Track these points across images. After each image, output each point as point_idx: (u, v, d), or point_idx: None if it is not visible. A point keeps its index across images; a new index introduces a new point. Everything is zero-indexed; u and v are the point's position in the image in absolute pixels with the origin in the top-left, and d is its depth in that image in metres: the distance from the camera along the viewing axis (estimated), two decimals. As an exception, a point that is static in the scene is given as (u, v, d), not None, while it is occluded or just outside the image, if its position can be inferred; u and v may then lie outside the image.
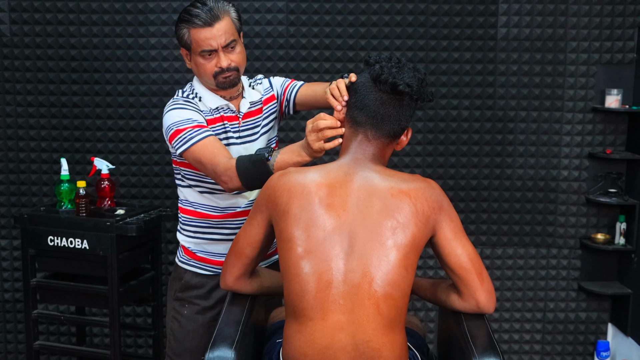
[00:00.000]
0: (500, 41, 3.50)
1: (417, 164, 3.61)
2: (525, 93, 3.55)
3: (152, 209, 3.14)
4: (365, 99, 1.80)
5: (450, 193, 3.58)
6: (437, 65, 3.54)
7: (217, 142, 2.14)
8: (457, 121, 3.59)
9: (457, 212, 1.87)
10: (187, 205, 2.36)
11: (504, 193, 3.63)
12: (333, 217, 1.72)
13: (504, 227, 3.65)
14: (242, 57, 2.21)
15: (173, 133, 2.16)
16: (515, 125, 3.57)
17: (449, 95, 3.57)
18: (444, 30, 3.49)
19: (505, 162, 3.60)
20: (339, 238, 1.70)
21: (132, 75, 3.42)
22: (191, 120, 2.15)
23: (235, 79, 2.21)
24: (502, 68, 3.53)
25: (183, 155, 2.16)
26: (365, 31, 3.48)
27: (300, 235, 1.70)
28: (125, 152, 3.55)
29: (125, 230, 2.87)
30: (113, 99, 3.46)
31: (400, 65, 1.80)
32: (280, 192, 1.77)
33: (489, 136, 3.59)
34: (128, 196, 3.56)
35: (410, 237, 1.71)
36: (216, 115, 2.26)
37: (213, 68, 2.17)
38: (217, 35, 2.14)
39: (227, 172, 2.04)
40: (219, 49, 2.15)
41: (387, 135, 1.81)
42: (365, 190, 1.75)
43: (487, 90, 3.56)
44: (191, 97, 2.24)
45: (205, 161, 2.09)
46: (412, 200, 1.74)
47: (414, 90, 1.78)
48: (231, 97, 2.29)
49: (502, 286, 3.68)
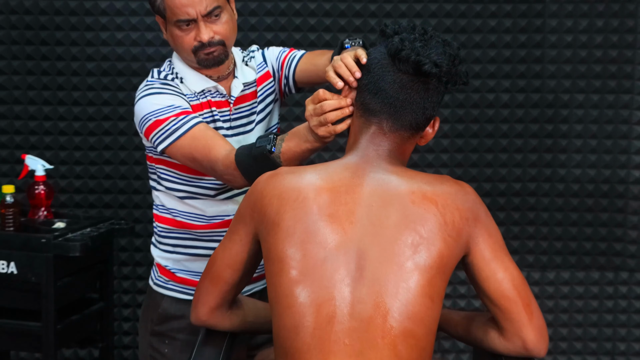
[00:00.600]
0: (550, 4, 3.51)
1: (444, 162, 3.62)
2: (582, 71, 3.55)
3: (101, 222, 3.15)
4: (381, 80, 1.82)
5: (487, 200, 3.58)
6: (469, 36, 3.54)
7: (209, 130, 2.17)
8: (494, 107, 3.59)
9: (497, 224, 1.85)
10: (164, 212, 2.39)
11: (556, 200, 3.63)
12: (337, 231, 1.73)
13: (556, 243, 3.65)
14: (229, 27, 2.24)
15: (151, 125, 2.18)
16: (570, 112, 3.58)
17: (484, 74, 3.57)
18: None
19: (557, 159, 3.61)
20: (345, 258, 1.71)
21: (91, 49, 3.48)
22: (173, 107, 2.18)
23: (220, 55, 2.24)
24: (552, 39, 3.53)
25: (166, 152, 2.19)
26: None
27: (295, 255, 1.72)
28: (66, 148, 3.56)
29: (66, 250, 2.87)
30: (65, 80, 3.51)
31: (426, 37, 1.81)
32: (269, 198, 1.79)
33: (536, 127, 3.59)
34: (70, 204, 3.57)
35: (436, 257, 1.72)
36: (202, 100, 2.29)
37: (192, 42, 2.21)
38: (196, 2, 2.16)
39: (228, 170, 2.08)
40: (199, 18, 2.18)
41: (407, 127, 1.83)
42: (379, 196, 1.76)
43: (533, 68, 3.56)
44: (170, 78, 2.27)
45: (200, 157, 2.13)
46: (440, 208, 1.75)
47: (443, 71, 1.80)
48: (219, 76, 2.32)
49: (556, 321, 3.67)
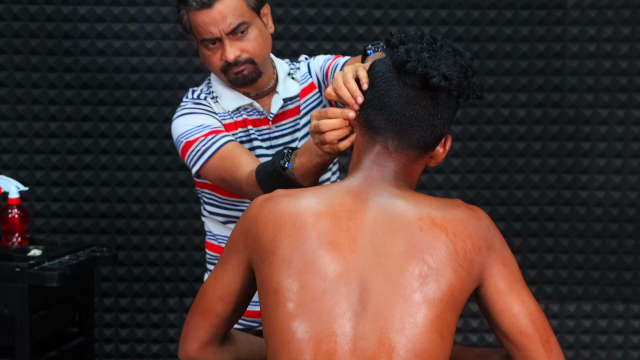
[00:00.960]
0: (572, 10, 3.52)
1: (454, 184, 3.63)
2: (607, 83, 3.55)
3: (81, 249, 3.14)
4: (385, 95, 1.81)
5: (502, 225, 3.58)
6: (482, 46, 3.55)
7: (237, 148, 2.24)
8: (509, 124, 3.59)
9: (512, 252, 1.84)
10: (211, 239, 2.48)
11: (577, 225, 3.62)
12: (337, 260, 1.72)
13: (577, 273, 3.64)
14: (258, 43, 2.28)
15: (183, 148, 2.28)
16: (592, 129, 3.57)
17: (499, 87, 3.58)
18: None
19: (579, 181, 3.61)
20: (346, 290, 1.70)
21: (69, 59, 3.52)
22: (202, 126, 2.26)
23: (251, 73, 2.29)
24: (573, 49, 3.54)
25: (200, 174, 2.27)
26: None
27: (291, 286, 1.71)
28: (43, 168, 3.57)
29: (43, 280, 2.87)
30: (41, 92, 3.53)
31: (434, 47, 1.81)
32: (264, 224, 1.78)
33: (556, 145, 3.60)
34: (47, 230, 3.58)
35: (446, 289, 1.71)
36: (237, 119, 2.35)
37: (219, 61, 2.27)
38: (218, 19, 2.22)
39: (252, 188, 2.14)
40: (223, 37, 2.24)
41: (415, 146, 1.82)
42: (384, 222, 1.76)
43: (552, 80, 3.57)
44: (203, 97, 2.35)
45: (228, 177, 2.22)
46: (450, 236, 1.74)
47: (453, 84, 1.79)
48: (258, 93, 2.37)
49: (578, 358, 3.65)
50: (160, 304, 3.65)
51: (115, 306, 3.63)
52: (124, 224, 3.61)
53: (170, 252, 3.64)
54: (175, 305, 3.65)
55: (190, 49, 3.52)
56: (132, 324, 3.66)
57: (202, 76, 3.46)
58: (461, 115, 3.58)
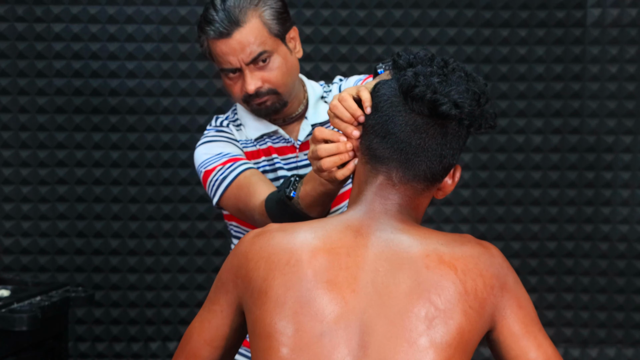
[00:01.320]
0: (591, 28, 3.55)
1: (464, 217, 3.63)
2: (630, 108, 3.58)
3: (54, 288, 3.12)
4: (390, 122, 1.80)
5: (516, 262, 3.57)
6: (494, 67, 3.57)
7: (254, 176, 2.27)
8: (524, 152, 3.60)
9: (528, 291, 1.81)
10: None
11: (599, 262, 3.62)
12: (336, 300, 1.71)
13: (600, 315, 3.64)
14: (281, 73, 2.30)
15: (203, 177, 2.32)
16: (615, 157, 3.60)
17: (512, 112, 3.59)
18: (503, 14, 3.50)
19: (600, 214, 3.61)
20: (345, 333, 1.68)
21: (43, 82, 3.56)
22: (221, 155, 2.30)
23: (274, 104, 2.32)
24: (594, 70, 3.57)
25: (221, 205, 2.31)
26: (384, 15, 3.51)
27: (286, 329, 1.69)
28: (12, 199, 3.58)
29: (10, 323, 2.85)
30: (11, 118, 3.56)
31: (445, 71, 1.80)
32: (255, 262, 1.77)
33: (575, 175, 3.61)
34: (16, 268, 3.57)
35: (455, 333, 1.69)
36: (261, 147, 2.38)
37: (240, 92, 2.30)
38: (237, 49, 2.25)
39: (263, 219, 2.15)
40: (243, 67, 2.26)
41: (422, 177, 1.81)
42: (387, 259, 1.75)
43: (571, 105, 3.59)
44: (225, 124, 2.39)
45: (243, 207, 2.24)
46: (459, 274, 1.73)
47: (464, 113, 1.78)
48: (285, 119, 2.38)
49: (599, 408, 3.66)
50: (141, 349, 3.63)
51: (91, 351, 3.59)
52: (101, 260, 3.60)
53: (153, 292, 3.62)
54: (158, 350, 3.63)
55: (176, 70, 3.58)
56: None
57: (188, 100, 3.53)
58: (471, 143, 3.58)
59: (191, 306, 3.61)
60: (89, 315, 3.59)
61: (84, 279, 3.57)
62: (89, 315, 3.59)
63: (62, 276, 3.56)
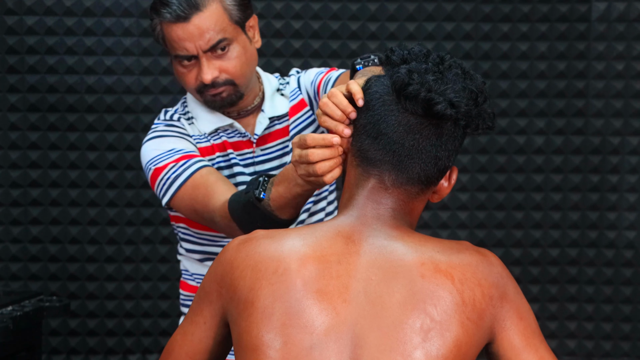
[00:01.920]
0: (596, 23, 3.55)
1: (462, 222, 3.61)
2: (637, 107, 3.58)
3: (26, 298, 3.09)
4: (382, 122, 1.81)
5: (517, 270, 3.58)
6: (493, 64, 3.55)
7: (212, 175, 2.25)
8: (525, 154, 3.59)
9: (529, 301, 1.83)
10: (188, 279, 2.51)
11: (604, 270, 3.62)
12: (327, 311, 1.71)
13: (605, 325, 3.63)
14: (241, 62, 2.30)
15: (151, 176, 2.29)
16: (621, 159, 3.60)
17: (513, 112, 3.58)
18: (504, 7, 3.49)
19: (605, 219, 3.60)
20: (336, 346, 1.69)
21: (53, 78, 3.54)
22: (173, 151, 2.28)
23: (230, 96, 2.31)
24: (599, 67, 3.56)
25: (172, 205, 2.28)
26: (378, 8, 3.48)
27: (273, 342, 1.70)
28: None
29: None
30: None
31: (441, 68, 1.80)
32: (241, 270, 1.78)
33: (579, 177, 3.60)
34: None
35: (452, 346, 1.70)
36: (215, 142, 2.37)
37: (194, 81, 2.30)
38: (195, 35, 2.23)
39: (225, 221, 2.15)
40: (200, 54, 2.25)
41: (415, 180, 1.81)
42: (380, 267, 1.75)
43: (574, 104, 3.58)
44: (176, 118, 2.37)
45: (200, 208, 2.23)
46: (457, 284, 1.73)
47: (461, 113, 1.77)
48: (240, 112, 2.37)
49: (604, 423, 3.64)
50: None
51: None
52: (77, 268, 3.58)
53: (132, 301, 3.60)
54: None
55: (157, 66, 3.57)
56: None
57: (170, 98, 3.53)
58: (470, 144, 3.58)
59: (173, 316, 3.58)
60: (63, 326, 3.58)
61: (58, 287, 3.56)
62: (64, 326, 3.58)
63: (35, 284, 3.57)
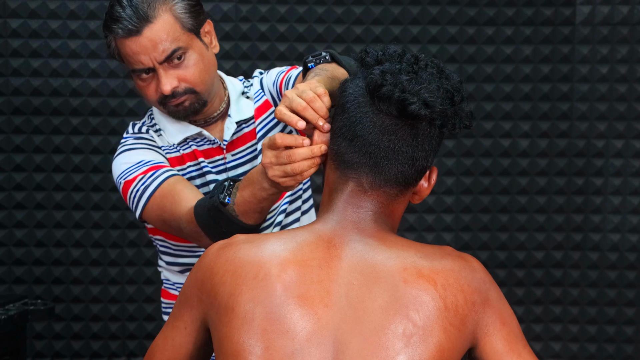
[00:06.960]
0: (581, 27, 3.55)
1: (447, 225, 3.61)
2: (622, 110, 3.59)
3: (11, 301, 3.11)
4: (358, 124, 1.80)
5: (501, 274, 3.59)
6: (478, 67, 3.56)
7: (179, 184, 2.24)
8: (510, 157, 3.59)
9: (513, 305, 1.91)
10: (169, 287, 2.48)
11: (589, 273, 3.63)
12: (308, 316, 1.71)
13: (590, 328, 3.64)
14: (199, 69, 2.27)
15: (123, 189, 2.26)
16: (606, 162, 3.61)
17: (498, 115, 3.58)
18: (488, 11, 3.48)
19: (590, 222, 3.61)
20: (318, 352, 1.68)
21: (37, 81, 3.54)
22: (142, 163, 2.26)
23: (193, 104, 2.29)
24: (583, 71, 3.58)
25: (144, 218, 2.27)
26: (363, 12, 3.49)
27: (254, 347, 1.69)
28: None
29: (-38, 339, 2.80)
30: None
31: (416, 68, 1.80)
32: (221, 275, 1.77)
33: (563, 180, 3.60)
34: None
35: (434, 351, 1.69)
36: (185, 152, 2.35)
37: (154, 94, 2.27)
38: (149, 47, 2.20)
39: (191, 227, 2.14)
40: (156, 66, 2.23)
41: (394, 182, 1.81)
42: (362, 272, 1.75)
43: (559, 107, 3.58)
44: (144, 130, 2.36)
45: (168, 217, 2.21)
46: (439, 289, 1.73)
47: (436, 112, 1.77)
48: (207, 119, 2.35)
49: None
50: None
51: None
52: (62, 271, 3.58)
53: (117, 305, 3.60)
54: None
55: None
56: (71, 390, 3.56)
57: None
58: (454, 147, 3.59)
59: (158, 320, 3.57)
60: (48, 330, 3.58)
61: (43, 291, 3.56)
62: (49, 329, 3.58)
63: (19, 288, 3.56)
